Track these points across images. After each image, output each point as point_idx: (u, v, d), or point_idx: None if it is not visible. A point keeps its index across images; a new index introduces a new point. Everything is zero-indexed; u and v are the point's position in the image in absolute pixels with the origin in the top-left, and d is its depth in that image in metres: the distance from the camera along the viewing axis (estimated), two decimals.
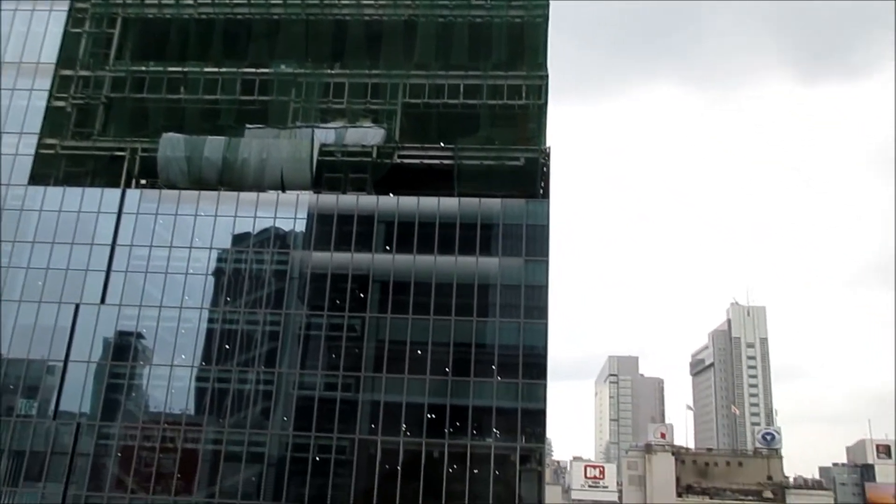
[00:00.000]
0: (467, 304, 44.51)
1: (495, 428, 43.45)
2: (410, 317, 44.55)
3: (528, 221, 46.01)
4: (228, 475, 42.87)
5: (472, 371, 43.41)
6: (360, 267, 45.80)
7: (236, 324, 45.44)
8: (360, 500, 41.29)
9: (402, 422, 43.03)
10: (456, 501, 41.26)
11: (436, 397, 43.18)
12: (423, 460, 42.05)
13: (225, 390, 44.35)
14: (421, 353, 44.02)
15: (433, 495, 41.41)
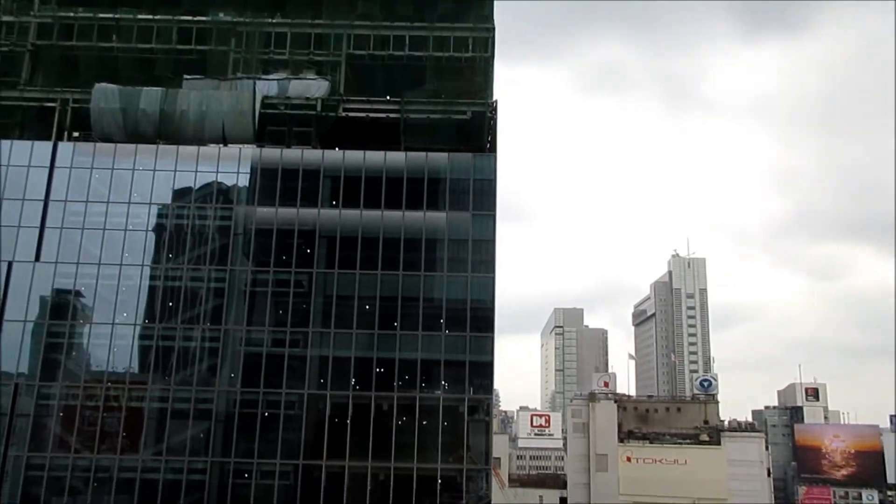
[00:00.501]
0: (415, 258, 44.61)
1: (444, 380, 44.08)
2: (358, 272, 44.45)
3: (475, 176, 46.04)
4: (175, 432, 42.58)
5: (421, 325, 43.75)
6: (306, 222, 45.27)
7: (179, 281, 44.60)
8: (310, 454, 41.62)
9: (350, 376, 43.27)
10: (405, 452, 41.95)
11: (384, 351, 43.47)
12: (373, 413, 42.48)
13: (170, 348, 43.72)
14: (369, 308, 44.10)
15: (383, 447, 42.01)
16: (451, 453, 42.68)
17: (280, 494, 41.41)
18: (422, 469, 41.91)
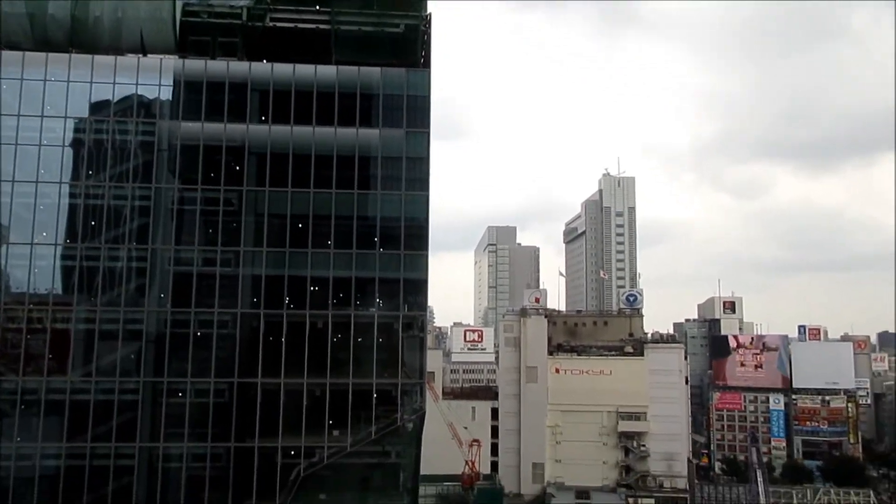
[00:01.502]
0: (348, 176, 44.00)
1: (378, 298, 44.40)
2: (290, 190, 43.62)
3: (409, 92, 45.17)
4: (105, 353, 41.88)
5: (355, 243, 43.60)
6: (234, 138, 43.80)
7: (101, 199, 42.86)
8: (245, 372, 41.74)
9: (284, 295, 43.08)
10: (341, 369, 42.56)
11: (318, 270, 43.30)
12: (308, 331, 42.65)
13: (94, 268, 42.40)
14: (302, 226, 43.55)
15: (318, 364, 42.46)
16: (387, 368, 43.52)
17: (216, 412, 41.63)
18: (357, 384, 42.70)
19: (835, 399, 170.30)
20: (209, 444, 41.11)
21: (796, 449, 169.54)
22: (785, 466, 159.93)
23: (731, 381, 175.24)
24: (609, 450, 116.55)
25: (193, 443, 41.12)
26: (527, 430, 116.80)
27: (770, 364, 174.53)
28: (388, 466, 43.41)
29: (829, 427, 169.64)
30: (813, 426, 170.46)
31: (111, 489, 40.38)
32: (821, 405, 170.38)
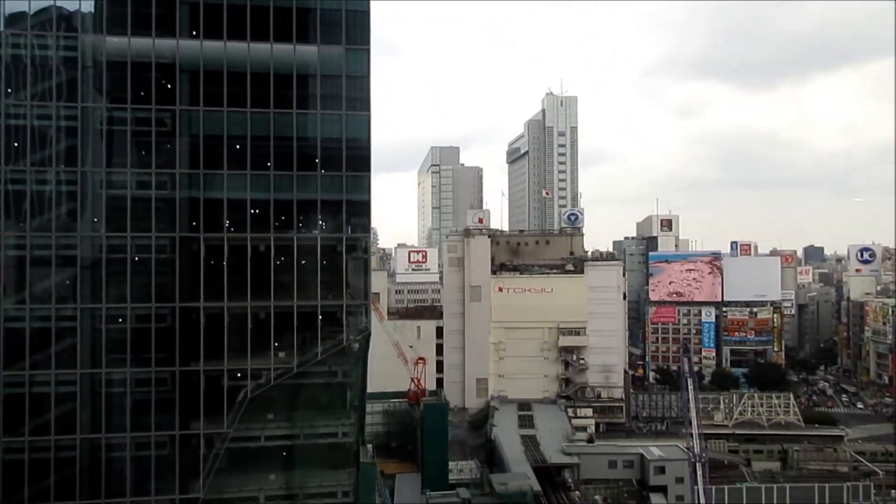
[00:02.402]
0: (286, 95, 42.61)
1: (321, 220, 43.95)
2: (226, 109, 42.08)
3: (348, 7, 43.43)
4: (38, 280, 40.64)
5: (295, 165, 42.70)
6: (164, 55, 41.66)
7: (23, 119, 40.59)
8: (186, 296, 41.20)
9: (224, 218, 42.22)
10: (285, 291, 42.43)
11: (258, 192, 42.40)
12: (250, 255, 42.12)
13: (20, 192, 40.56)
14: (239, 147, 42.33)
15: (262, 287, 42.18)
16: (331, 290, 43.55)
17: (159, 337, 41.19)
18: (302, 306, 42.71)
19: (762, 310, 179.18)
20: (153, 368, 40.87)
21: (725, 358, 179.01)
22: (714, 374, 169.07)
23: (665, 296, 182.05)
24: (550, 364, 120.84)
25: (137, 368, 40.79)
26: (471, 348, 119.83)
27: (703, 278, 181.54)
28: (335, 386, 44.06)
29: (755, 337, 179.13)
30: (741, 336, 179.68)
31: (53, 415, 40.02)
32: (749, 316, 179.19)
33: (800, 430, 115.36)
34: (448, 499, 69.45)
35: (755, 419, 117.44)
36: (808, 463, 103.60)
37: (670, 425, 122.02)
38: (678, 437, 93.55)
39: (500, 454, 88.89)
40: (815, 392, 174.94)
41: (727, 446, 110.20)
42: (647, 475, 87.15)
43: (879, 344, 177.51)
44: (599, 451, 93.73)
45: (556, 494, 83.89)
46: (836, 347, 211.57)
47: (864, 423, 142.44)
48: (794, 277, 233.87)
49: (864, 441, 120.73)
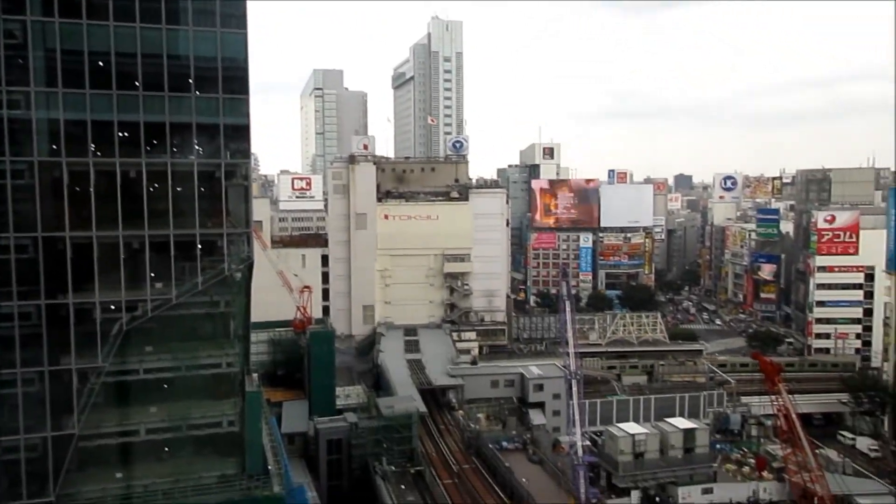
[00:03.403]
0: (154, 8, 39.45)
1: (197, 145, 41.79)
2: (85, 22, 38.50)
3: None
4: None
5: (167, 85, 40.07)
6: None
7: None
8: (50, 225, 38.42)
9: (89, 141, 39.29)
10: (160, 220, 40.42)
11: (126, 114, 39.56)
12: (119, 180, 39.59)
13: None
14: (103, 64, 39.10)
15: (134, 215, 39.95)
16: (210, 218, 41.92)
17: (21, 270, 38.37)
18: (179, 235, 40.91)
19: (635, 236, 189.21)
20: (15, 302, 38.21)
21: (600, 281, 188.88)
22: (590, 297, 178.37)
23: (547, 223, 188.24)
24: (435, 290, 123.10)
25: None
26: (357, 275, 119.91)
27: (582, 206, 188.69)
28: (218, 316, 43.02)
29: (628, 261, 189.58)
30: (615, 260, 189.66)
31: None
32: (623, 241, 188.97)
33: (665, 346, 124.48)
34: (335, 423, 70.57)
35: (626, 337, 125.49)
36: (672, 375, 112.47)
37: (549, 345, 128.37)
38: (556, 357, 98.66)
39: (387, 378, 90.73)
40: (679, 311, 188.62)
41: (601, 363, 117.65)
42: (526, 393, 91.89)
43: (736, 265, 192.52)
44: (482, 372, 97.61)
45: (442, 414, 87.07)
46: (699, 269, 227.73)
47: (721, 337, 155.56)
48: (665, 204, 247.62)
49: (720, 354, 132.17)
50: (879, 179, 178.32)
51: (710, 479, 77.14)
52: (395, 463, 67.23)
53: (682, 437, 76.48)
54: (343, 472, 69.30)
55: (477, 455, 74.94)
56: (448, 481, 67.66)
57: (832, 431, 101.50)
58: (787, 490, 68.45)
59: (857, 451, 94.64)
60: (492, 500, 63.45)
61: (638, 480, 75.51)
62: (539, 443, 77.93)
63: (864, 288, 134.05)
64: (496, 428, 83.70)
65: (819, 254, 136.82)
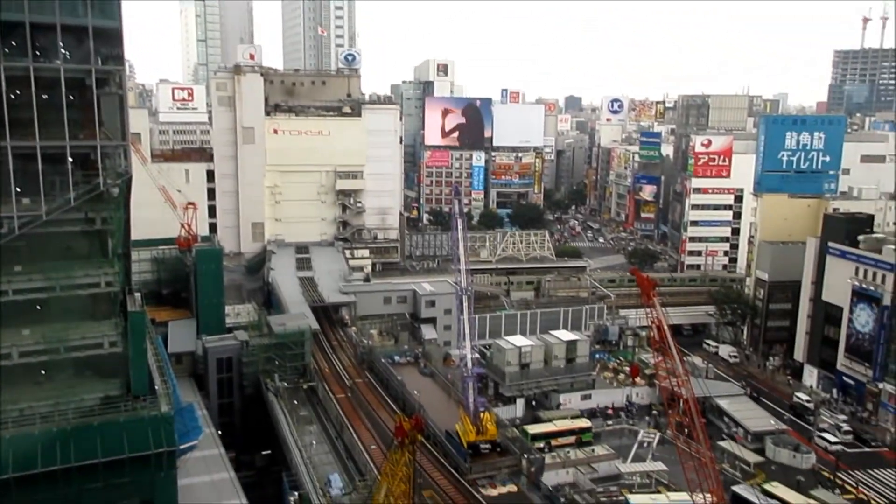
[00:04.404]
0: None
1: (63, 48, 38.27)
2: None
3: None
4: None
5: None
6: None
7: None
8: None
9: None
10: (24, 130, 37.18)
11: None
12: None
13: None
14: None
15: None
16: (82, 129, 38.98)
17: None
18: (47, 147, 37.86)
19: (526, 155, 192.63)
20: None
21: (492, 200, 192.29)
22: (482, 215, 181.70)
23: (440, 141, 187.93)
24: (327, 207, 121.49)
25: None
26: (245, 192, 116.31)
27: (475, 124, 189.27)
28: (94, 233, 40.69)
29: (519, 180, 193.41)
30: (506, 179, 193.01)
31: None
32: (514, 161, 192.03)
33: (552, 262, 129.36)
34: (225, 342, 69.65)
35: (515, 254, 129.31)
36: (557, 291, 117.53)
37: (441, 263, 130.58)
38: (448, 274, 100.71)
39: (279, 296, 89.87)
40: (566, 229, 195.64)
41: (491, 279, 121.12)
42: (418, 309, 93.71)
43: (620, 186, 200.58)
44: (375, 289, 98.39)
45: (334, 331, 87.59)
46: (586, 189, 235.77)
47: (604, 254, 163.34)
48: (555, 125, 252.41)
49: (602, 270, 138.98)
50: (752, 107, 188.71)
51: (590, 387, 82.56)
52: (287, 380, 67.48)
53: (565, 348, 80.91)
54: (234, 390, 69.00)
55: (370, 370, 76.36)
56: (341, 396, 68.78)
57: (699, 340, 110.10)
58: (657, 394, 74.25)
59: (719, 358, 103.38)
60: (384, 412, 65.20)
61: (523, 389, 79.71)
62: (430, 356, 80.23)
63: (733, 209, 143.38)
64: (389, 343, 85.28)
65: (695, 176, 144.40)
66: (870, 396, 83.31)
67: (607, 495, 59.55)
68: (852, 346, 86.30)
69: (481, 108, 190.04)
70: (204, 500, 44.68)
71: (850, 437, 76.37)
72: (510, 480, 54.69)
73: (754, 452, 70.31)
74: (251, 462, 66.51)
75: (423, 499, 50.11)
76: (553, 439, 69.47)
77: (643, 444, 72.74)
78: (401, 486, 28.94)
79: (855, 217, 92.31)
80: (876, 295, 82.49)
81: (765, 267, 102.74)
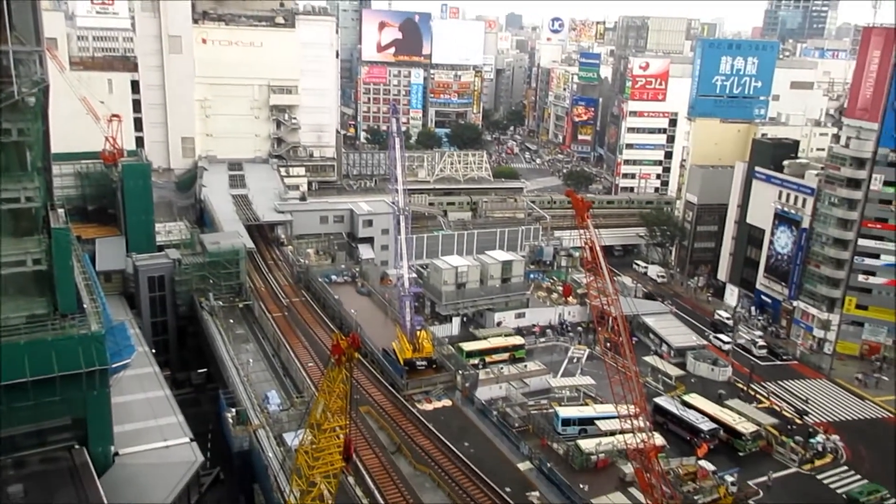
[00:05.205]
0: None
1: None
2: None
3: None
4: None
5: None
6: None
7: None
8: None
9: None
10: None
11: None
12: None
13: None
14: None
15: None
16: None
17: None
18: None
19: (465, 74, 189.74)
20: None
21: (430, 119, 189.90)
22: (420, 134, 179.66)
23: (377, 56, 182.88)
24: (261, 123, 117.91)
25: None
26: (173, 105, 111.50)
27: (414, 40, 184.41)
28: (11, 146, 38.34)
29: (458, 99, 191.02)
30: (445, 98, 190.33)
31: None
32: (453, 79, 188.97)
33: (489, 183, 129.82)
34: (156, 260, 68.08)
35: (453, 175, 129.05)
36: (494, 212, 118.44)
37: (378, 182, 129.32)
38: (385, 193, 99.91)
39: (211, 214, 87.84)
40: (504, 150, 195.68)
41: (428, 200, 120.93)
42: (356, 228, 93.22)
43: (558, 107, 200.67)
44: (311, 208, 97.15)
45: (270, 250, 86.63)
46: (524, 110, 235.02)
47: (540, 176, 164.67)
48: (496, 43, 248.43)
49: (539, 191, 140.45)
50: (690, 30, 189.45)
51: (524, 305, 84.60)
52: (222, 298, 66.81)
53: (501, 268, 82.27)
54: (168, 309, 67.97)
55: (306, 289, 76.20)
56: (278, 315, 68.69)
57: (629, 261, 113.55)
58: (588, 312, 76.72)
59: (647, 278, 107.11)
60: (321, 330, 65.57)
61: (459, 308, 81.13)
62: (367, 276, 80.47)
63: (667, 133, 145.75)
64: (326, 263, 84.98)
65: (632, 99, 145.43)
66: (784, 314, 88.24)
67: (538, 408, 62.04)
68: (771, 266, 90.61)
69: (420, 22, 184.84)
70: (140, 418, 44.53)
71: (765, 351, 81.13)
72: (445, 395, 56.32)
73: (676, 367, 74.06)
74: (187, 380, 66.41)
75: (361, 414, 51.26)
76: (487, 356, 71.40)
77: (573, 360, 75.59)
78: (338, 403, 29.33)
79: (781, 142, 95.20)
80: (796, 218, 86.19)
81: (694, 190, 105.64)
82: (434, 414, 53.45)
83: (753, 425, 60.97)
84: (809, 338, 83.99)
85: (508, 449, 49.90)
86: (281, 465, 41.72)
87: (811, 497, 55.08)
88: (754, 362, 77.78)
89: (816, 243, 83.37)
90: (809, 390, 73.03)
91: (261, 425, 47.47)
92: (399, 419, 52.08)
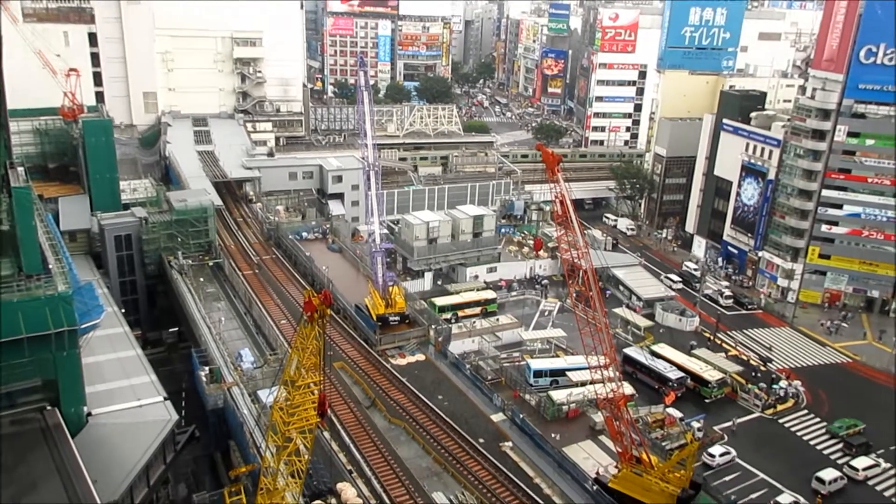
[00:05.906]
0: None
1: None
2: None
3: None
4: None
5: None
6: None
7: None
8: None
9: None
10: None
11: None
12: None
13: None
14: None
15: None
16: None
17: None
18: None
19: (433, 25, 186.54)
20: None
21: (399, 72, 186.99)
22: (388, 87, 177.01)
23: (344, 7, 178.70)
24: (225, 77, 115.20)
25: None
26: (133, 58, 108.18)
27: None
28: None
29: (426, 51, 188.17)
30: (413, 50, 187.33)
31: None
32: (421, 31, 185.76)
33: (460, 137, 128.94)
34: (123, 219, 66.87)
35: (423, 129, 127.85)
36: (465, 166, 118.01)
37: (347, 137, 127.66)
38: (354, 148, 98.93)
39: (177, 171, 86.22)
40: (474, 104, 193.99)
41: (398, 154, 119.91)
42: (325, 184, 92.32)
43: (528, 60, 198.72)
44: (280, 164, 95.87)
45: (239, 207, 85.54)
46: (494, 63, 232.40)
47: (511, 130, 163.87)
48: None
49: (509, 145, 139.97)
50: None
51: (495, 260, 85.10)
52: (191, 257, 66.07)
53: (472, 223, 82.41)
54: (136, 268, 67.05)
55: (277, 246, 75.63)
56: (248, 272, 68.20)
57: (599, 214, 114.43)
58: (559, 266, 77.46)
59: (617, 231, 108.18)
60: (293, 287, 65.33)
61: (431, 263, 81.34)
62: (338, 232, 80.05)
63: (636, 85, 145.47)
64: (296, 219, 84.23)
65: (601, 51, 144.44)
66: (750, 264, 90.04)
67: (510, 361, 62.91)
68: (738, 218, 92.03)
69: None
70: (112, 378, 44.24)
71: (731, 301, 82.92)
72: (418, 350, 56.79)
73: (646, 318, 75.43)
74: (159, 340, 65.99)
75: (335, 370, 51.52)
76: (459, 310, 71.98)
77: (544, 313, 76.55)
78: (311, 359, 29.37)
79: (749, 94, 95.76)
80: (762, 169, 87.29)
81: (663, 143, 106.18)
82: (408, 368, 53.94)
83: (719, 373, 62.68)
84: (774, 287, 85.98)
85: (481, 401, 50.69)
86: (256, 422, 41.93)
87: (774, 439, 57.15)
88: (721, 312, 79.52)
89: (782, 194, 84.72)
90: (773, 338, 75.07)
91: (235, 383, 47.48)
92: (373, 374, 52.46)
